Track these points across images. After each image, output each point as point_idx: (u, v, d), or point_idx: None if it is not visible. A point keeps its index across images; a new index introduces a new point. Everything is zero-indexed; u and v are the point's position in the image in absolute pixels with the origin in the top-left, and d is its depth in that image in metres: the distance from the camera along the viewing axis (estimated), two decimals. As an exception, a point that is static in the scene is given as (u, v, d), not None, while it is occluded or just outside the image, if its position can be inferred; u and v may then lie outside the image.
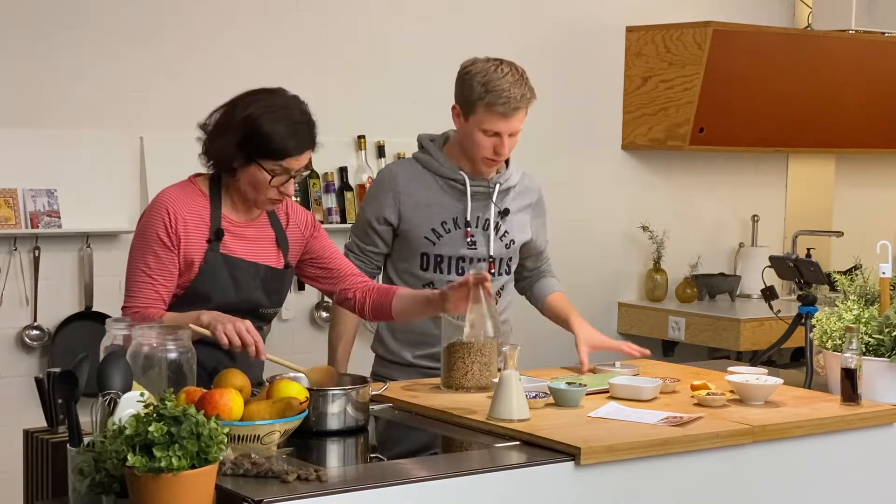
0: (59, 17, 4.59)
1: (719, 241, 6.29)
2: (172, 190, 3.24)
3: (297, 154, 3.17)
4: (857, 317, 3.40)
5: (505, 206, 3.67)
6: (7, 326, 4.56)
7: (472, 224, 3.63)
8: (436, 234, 3.62)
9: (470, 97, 3.51)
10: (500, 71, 3.50)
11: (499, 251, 3.67)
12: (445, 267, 3.63)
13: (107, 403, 2.51)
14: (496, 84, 3.48)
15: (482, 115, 3.51)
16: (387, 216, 3.63)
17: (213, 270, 3.19)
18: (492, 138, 3.53)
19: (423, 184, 3.63)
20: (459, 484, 2.61)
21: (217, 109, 3.23)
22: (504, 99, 3.47)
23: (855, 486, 3.23)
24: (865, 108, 6.14)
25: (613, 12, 5.85)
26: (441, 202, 3.62)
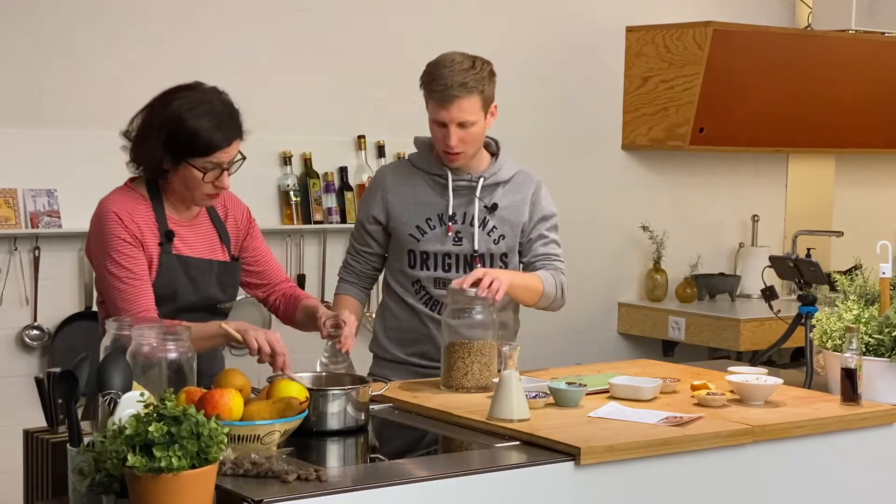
0: (59, 17, 4.59)
1: (719, 241, 6.29)
2: (114, 197, 3.21)
3: (225, 146, 3.13)
4: (857, 317, 3.40)
5: (493, 200, 3.64)
6: (7, 326, 4.56)
7: (458, 220, 3.62)
8: (420, 230, 3.61)
9: (425, 89, 3.53)
10: (450, 60, 3.50)
11: (486, 246, 3.63)
12: (432, 264, 3.62)
13: (107, 403, 2.51)
14: (438, 73, 3.48)
15: (428, 104, 3.53)
16: (376, 215, 3.64)
17: (170, 273, 3.17)
18: (441, 129, 3.52)
19: (411, 182, 3.63)
20: (459, 484, 2.61)
21: (137, 114, 3.19)
22: (441, 86, 3.46)
23: (855, 486, 3.23)
24: (865, 108, 6.14)
25: (613, 12, 5.85)
26: (427, 199, 3.62)
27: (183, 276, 3.18)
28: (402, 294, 3.65)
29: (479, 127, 3.53)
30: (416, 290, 3.64)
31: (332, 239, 5.16)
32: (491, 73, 3.57)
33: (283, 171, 5.03)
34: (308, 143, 5.08)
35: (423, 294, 3.63)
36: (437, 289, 3.62)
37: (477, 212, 3.62)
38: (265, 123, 4.86)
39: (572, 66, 5.75)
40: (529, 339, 3.95)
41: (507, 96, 5.59)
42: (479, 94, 3.50)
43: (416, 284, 3.63)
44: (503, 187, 3.66)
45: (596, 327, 5.93)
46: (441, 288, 3.60)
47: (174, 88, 3.17)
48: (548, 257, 3.71)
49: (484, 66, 3.54)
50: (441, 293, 3.59)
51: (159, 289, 3.16)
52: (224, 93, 3.20)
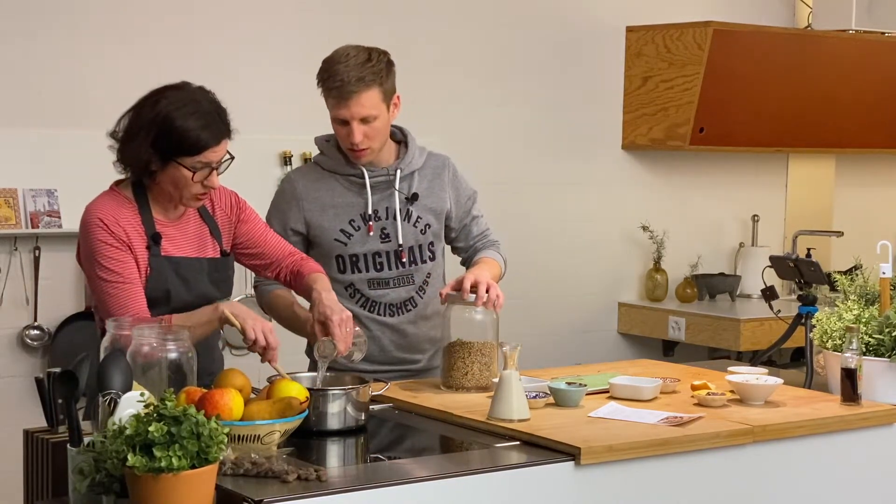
0: (59, 17, 4.59)
1: (719, 241, 6.29)
2: (98, 202, 3.18)
3: (213, 145, 3.10)
4: (857, 317, 3.40)
5: (412, 190, 3.55)
6: (7, 326, 4.56)
7: (382, 216, 3.53)
8: (345, 234, 3.52)
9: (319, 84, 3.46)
10: (344, 55, 3.42)
11: (412, 238, 3.55)
12: (363, 265, 3.54)
13: (107, 403, 2.51)
14: (333, 69, 3.41)
15: (328, 102, 3.45)
16: (294, 226, 3.53)
17: (160, 275, 3.15)
18: (343, 127, 3.43)
19: (324, 186, 3.54)
20: (459, 484, 2.61)
21: (124, 114, 3.17)
22: (338, 82, 3.39)
23: (855, 486, 3.23)
24: (865, 108, 6.14)
25: (613, 12, 5.85)
26: (346, 201, 3.53)
27: (174, 277, 3.17)
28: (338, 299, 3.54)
29: (382, 120, 3.44)
30: (350, 294, 3.54)
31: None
32: (389, 64, 3.48)
33: (283, 171, 5.03)
34: (308, 143, 5.04)
35: (358, 297, 3.55)
36: (371, 290, 3.55)
37: (398, 205, 3.54)
38: (265, 123, 4.87)
39: (572, 66, 5.75)
40: (529, 339, 3.96)
41: (506, 96, 5.63)
42: (378, 87, 3.41)
43: (350, 288, 3.55)
44: (419, 174, 3.58)
45: (596, 327, 5.93)
46: (375, 288, 3.55)
47: (161, 88, 3.16)
48: (484, 235, 3.69)
49: (381, 57, 3.46)
50: (377, 293, 3.54)
51: (151, 291, 3.14)
52: (211, 92, 3.19)
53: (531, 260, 5.63)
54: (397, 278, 3.56)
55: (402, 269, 3.56)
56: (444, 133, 5.27)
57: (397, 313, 3.57)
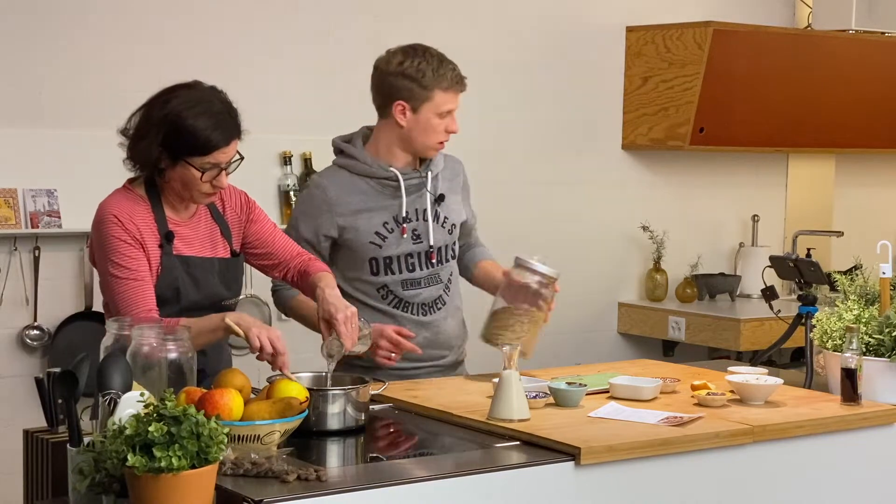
0: (59, 16, 4.59)
1: (719, 241, 6.29)
2: (114, 200, 3.19)
3: (223, 146, 3.11)
4: (857, 317, 3.40)
5: (439, 191, 3.63)
6: (7, 326, 4.56)
7: (412, 218, 3.59)
8: (380, 237, 3.56)
9: (423, 86, 3.50)
10: (432, 53, 3.54)
11: (441, 238, 3.63)
12: (396, 267, 3.58)
13: (107, 403, 2.51)
14: (440, 66, 3.52)
15: (440, 98, 3.51)
16: (326, 232, 3.56)
17: (172, 273, 3.16)
18: (444, 119, 3.54)
19: (355, 190, 3.56)
20: (459, 484, 2.61)
21: (135, 112, 3.17)
22: (457, 77, 3.53)
23: (855, 486, 3.23)
24: (865, 108, 6.14)
25: (613, 12, 5.85)
26: (378, 204, 3.56)
27: (185, 276, 3.18)
28: (365, 300, 3.58)
29: None
30: (382, 296, 3.59)
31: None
32: None
33: (283, 171, 5.03)
34: (308, 143, 5.08)
35: (391, 298, 3.59)
36: (404, 290, 3.59)
37: (429, 205, 3.60)
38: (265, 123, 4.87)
39: (572, 66, 5.75)
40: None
41: (506, 96, 5.63)
42: None
43: (383, 290, 3.59)
44: (441, 176, 3.67)
45: (596, 327, 5.93)
46: (408, 289, 3.59)
47: (173, 87, 3.16)
48: (476, 238, 3.88)
49: None
50: (409, 293, 3.59)
51: (162, 290, 3.15)
52: (223, 92, 3.19)
53: (531, 260, 5.63)
54: (427, 278, 3.63)
55: (432, 269, 3.62)
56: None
57: (429, 312, 3.63)
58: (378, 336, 3.46)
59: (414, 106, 3.52)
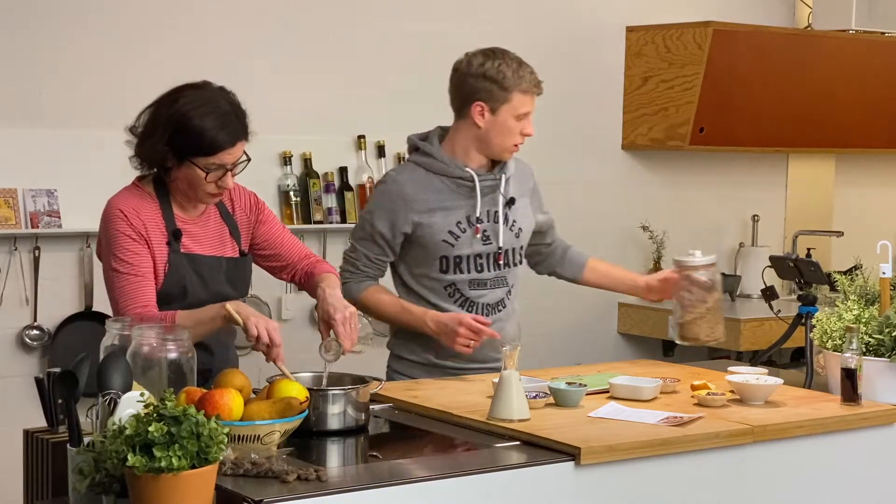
0: (59, 16, 4.59)
1: (719, 241, 6.29)
2: (122, 196, 3.21)
3: (228, 147, 3.12)
4: (857, 317, 3.40)
5: (510, 195, 3.68)
6: (7, 326, 4.56)
7: (484, 219, 3.63)
8: (453, 235, 3.60)
9: (502, 87, 3.55)
10: (511, 55, 3.60)
11: (509, 241, 3.67)
12: (465, 267, 3.62)
13: (107, 403, 2.51)
14: (519, 69, 3.58)
15: (518, 100, 3.56)
16: (402, 228, 3.58)
17: (179, 271, 3.17)
18: (521, 122, 3.59)
19: (430, 187, 3.60)
20: (459, 484, 2.61)
21: (144, 110, 3.18)
22: (534, 79, 3.59)
23: (855, 486, 3.23)
24: (865, 108, 6.14)
25: (613, 12, 5.85)
26: (452, 203, 3.61)
27: (192, 274, 3.18)
28: (430, 297, 3.63)
29: None
30: (449, 294, 3.63)
31: (332, 239, 5.16)
32: None
33: (283, 171, 5.03)
34: (308, 143, 5.08)
35: (457, 296, 3.63)
36: (471, 290, 3.64)
37: (500, 208, 3.64)
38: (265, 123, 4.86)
39: (572, 66, 5.75)
40: (529, 339, 3.95)
41: (507, 96, 5.62)
42: None
43: (451, 288, 3.63)
44: (513, 179, 3.71)
45: (596, 327, 5.93)
46: (475, 289, 3.64)
47: (181, 86, 3.16)
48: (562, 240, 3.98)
49: None
50: (476, 294, 3.64)
51: (169, 287, 3.16)
52: (231, 93, 3.19)
53: (531, 260, 5.64)
54: (494, 280, 3.67)
55: (499, 272, 3.67)
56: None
57: (492, 313, 3.66)
58: (457, 324, 3.49)
59: (493, 107, 3.57)
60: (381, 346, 3.81)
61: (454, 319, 3.50)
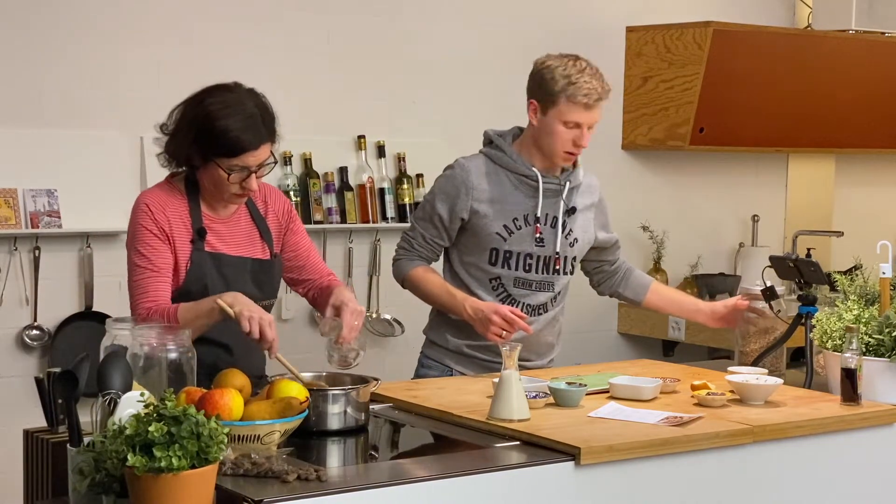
0: (59, 16, 4.59)
1: (719, 241, 6.29)
2: (151, 191, 3.25)
3: (252, 149, 3.13)
4: (857, 317, 3.40)
5: (572, 204, 3.71)
6: (7, 326, 4.56)
7: (542, 221, 3.66)
8: (507, 230, 3.63)
9: (551, 90, 3.58)
10: (580, 65, 3.61)
11: (564, 249, 3.70)
12: (514, 263, 3.65)
13: (107, 403, 2.51)
14: (577, 77, 3.58)
15: (564, 107, 3.58)
16: (459, 212, 3.64)
17: (201, 270, 3.18)
18: (572, 130, 3.60)
19: (494, 180, 3.65)
20: (459, 484, 2.61)
21: (175, 108, 3.21)
22: (586, 90, 3.58)
23: (855, 486, 3.23)
24: (865, 108, 6.14)
25: (613, 12, 5.85)
26: (513, 198, 3.64)
27: (214, 273, 3.19)
28: (474, 287, 3.66)
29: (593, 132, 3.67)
30: (493, 287, 3.66)
31: (332, 239, 5.16)
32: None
33: (283, 171, 5.03)
34: (308, 143, 5.08)
35: (500, 291, 3.66)
36: (516, 288, 3.66)
37: (560, 214, 3.67)
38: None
39: (572, 66, 5.74)
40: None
41: (507, 96, 5.61)
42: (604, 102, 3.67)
43: (495, 281, 3.66)
44: (578, 190, 3.74)
45: (596, 327, 5.92)
46: (520, 287, 3.66)
47: (212, 87, 3.19)
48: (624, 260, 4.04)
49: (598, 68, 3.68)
50: (519, 292, 3.66)
51: (190, 285, 3.17)
52: (261, 95, 3.22)
53: (531, 260, 5.64)
54: (540, 283, 3.69)
55: (546, 276, 3.69)
56: (444, 133, 5.28)
57: (533, 314, 3.69)
58: (492, 312, 3.52)
59: (543, 107, 3.61)
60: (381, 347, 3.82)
61: (491, 308, 3.54)
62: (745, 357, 3.75)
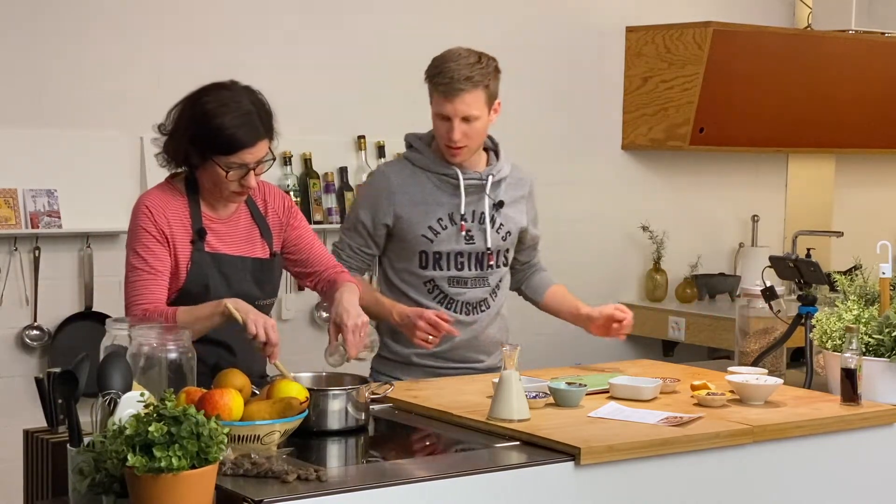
0: (59, 16, 4.59)
1: (719, 241, 6.29)
2: (151, 192, 3.25)
3: (250, 146, 3.13)
4: (857, 317, 3.40)
5: (499, 198, 3.66)
6: (7, 326, 4.56)
7: (468, 218, 3.62)
8: (433, 231, 3.60)
9: (427, 82, 3.53)
10: (456, 55, 3.50)
11: (496, 243, 3.66)
12: (444, 263, 3.62)
13: (107, 403, 2.51)
14: (444, 66, 3.49)
15: (433, 98, 3.53)
16: (383, 219, 3.61)
17: (201, 270, 3.18)
18: (444, 123, 3.52)
19: (415, 182, 3.61)
20: (459, 484, 2.61)
21: (172, 108, 3.21)
22: (447, 79, 3.46)
23: (855, 486, 3.23)
24: (865, 108, 6.14)
25: (613, 12, 5.85)
26: (436, 199, 3.61)
27: (215, 273, 3.19)
28: (411, 292, 3.64)
29: (482, 122, 3.53)
30: (428, 290, 3.63)
31: (332, 239, 5.12)
32: (496, 70, 3.57)
33: (283, 171, 5.03)
34: (308, 143, 5.08)
35: (437, 293, 3.63)
36: (450, 287, 3.63)
37: (487, 209, 3.62)
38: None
39: (572, 66, 5.75)
40: (529, 339, 3.96)
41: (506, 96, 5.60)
42: (483, 89, 3.51)
43: (429, 284, 3.63)
44: (504, 183, 3.68)
45: (596, 327, 5.91)
46: (455, 286, 3.63)
47: (208, 86, 3.19)
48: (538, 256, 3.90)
49: (490, 61, 3.55)
50: (455, 291, 3.63)
51: (191, 285, 3.18)
52: (257, 92, 3.22)
53: (531, 260, 5.64)
54: (475, 279, 3.65)
55: (480, 271, 3.65)
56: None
57: (473, 312, 3.66)
58: (418, 317, 3.49)
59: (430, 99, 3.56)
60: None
61: (416, 313, 3.50)
62: (745, 357, 3.74)
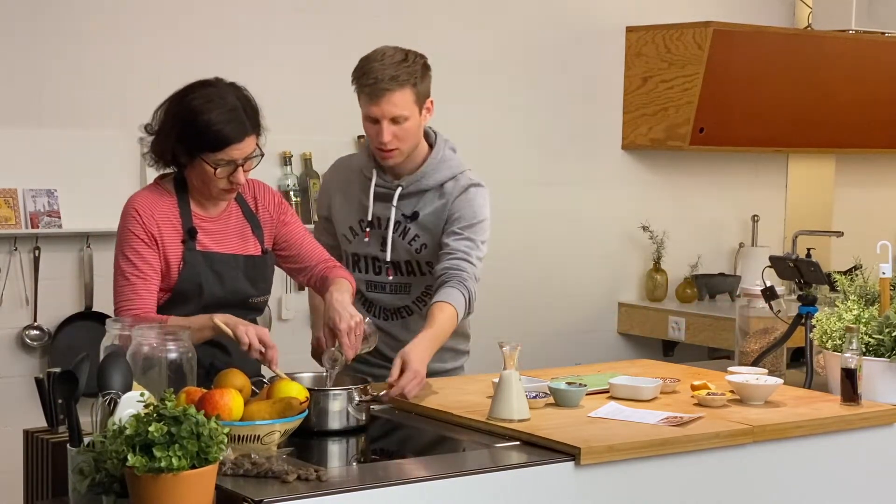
0: (59, 16, 4.59)
1: (719, 241, 6.29)
2: (140, 194, 3.23)
3: (236, 141, 3.11)
4: (857, 317, 3.40)
5: (415, 209, 3.47)
6: (7, 326, 4.56)
7: (379, 225, 3.49)
8: (352, 232, 3.54)
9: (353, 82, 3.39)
10: (381, 54, 3.34)
11: (405, 253, 3.48)
12: (363, 266, 3.53)
13: (107, 403, 2.51)
14: (369, 66, 3.32)
15: (361, 100, 3.37)
16: (323, 212, 3.63)
17: (193, 269, 3.17)
18: (373, 125, 3.36)
19: (348, 181, 3.56)
20: (459, 484, 2.61)
21: (158, 108, 3.20)
22: (372, 80, 3.31)
23: (855, 486, 3.23)
24: (865, 108, 6.14)
25: (613, 12, 5.85)
26: (358, 201, 3.53)
27: (208, 272, 3.19)
28: None
29: (413, 122, 3.37)
30: None
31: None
32: (425, 67, 3.40)
33: (283, 171, 5.03)
34: (308, 143, 5.08)
35: (358, 295, 3.52)
36: (369, 291, 3.55)
37: (392, 218, 3.48)
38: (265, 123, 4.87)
39: (572, 65, 5.75)
40: (529, 339, 3.96)
41: (507, 96, 5.63)
42: (411, 88, 3.33)
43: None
44: (430, 193, 3.48)
45: (596, 327, 5.93)
46: (372, 291, 3.54)
47: (193, 84, 3.18)
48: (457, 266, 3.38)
49: (417, 59, 3.38)
50: (373, 296, 3.54)
51: (184, 284, 3.17)
52: (243, 88, 3.20)
53: (531, 260, 5.64)
54: (393, 285, 3.54)
55: (398, 278, 3.53)
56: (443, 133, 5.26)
57: (391, 318, 3.57)
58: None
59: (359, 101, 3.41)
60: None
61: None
62: (745, 357, 3.74)
